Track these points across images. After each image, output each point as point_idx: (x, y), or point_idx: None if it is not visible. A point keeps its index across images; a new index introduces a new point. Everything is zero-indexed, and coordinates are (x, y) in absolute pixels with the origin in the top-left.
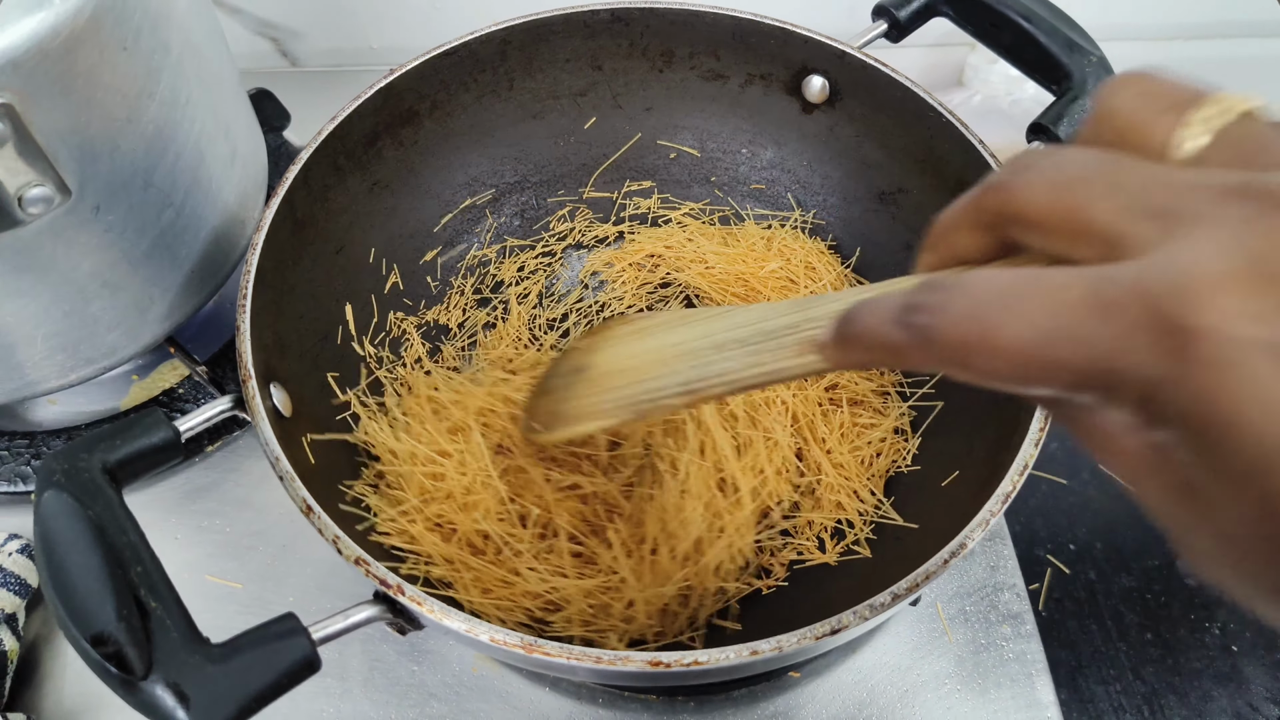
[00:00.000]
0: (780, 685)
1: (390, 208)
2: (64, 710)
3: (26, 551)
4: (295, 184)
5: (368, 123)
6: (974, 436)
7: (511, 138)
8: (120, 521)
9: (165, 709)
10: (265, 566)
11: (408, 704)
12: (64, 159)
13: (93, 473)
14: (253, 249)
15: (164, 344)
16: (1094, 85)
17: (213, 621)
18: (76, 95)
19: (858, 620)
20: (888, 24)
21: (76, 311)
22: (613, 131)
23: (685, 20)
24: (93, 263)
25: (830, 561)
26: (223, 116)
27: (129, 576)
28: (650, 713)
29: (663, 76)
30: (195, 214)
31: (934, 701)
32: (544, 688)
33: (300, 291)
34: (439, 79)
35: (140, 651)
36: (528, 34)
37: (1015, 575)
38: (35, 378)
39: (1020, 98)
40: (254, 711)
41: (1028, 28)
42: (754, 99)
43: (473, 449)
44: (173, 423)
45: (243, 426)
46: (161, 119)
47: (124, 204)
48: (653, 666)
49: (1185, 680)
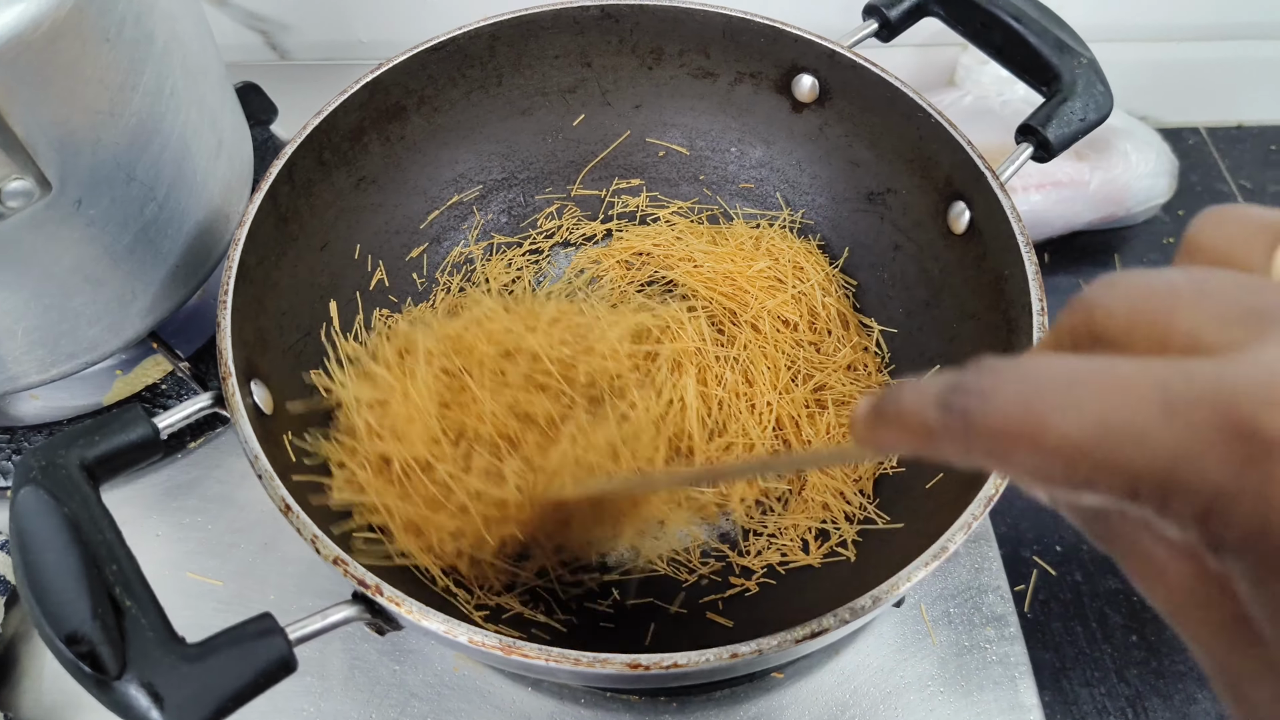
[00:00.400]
0: (763, 686)
1: (376, 204)
2: (43, 708)
3: (6, 548)
4: (279, 179)
5: (354, 117)
6: None
7: (499, 134)
8: (97, 519)
9: (139, 709)
10: (246, 564)
11: (389, 703)
12: (44, 152)
13: (70, 469)
14: (235, 244)
15: (147, 339)
16: (1084, 87)
17: (193, 619)
18: (58, 87)
19: (839, 623)
20: (878, 23)
21: (57, 306)
22: (601, 129)
23: (675, 17)
24: (74, 257)
25: (814, 563)
26: (208, 109)
27: (104, 575)
28: (632, 713)
29: (652, 74)
30: (179, 208)
31: (917, 703)
32: (526, 687)
33: (283, 288)
34: (427, 74)
35: (114, 651)
36: (517, 30)
37: (1000, 577)
38: (15, 372)
39: (1011, 98)
40: (229, 712)
41: (1018, 28)
42: (744, 97)
43: (417, 380)
44: (152, 420)
45: (225, 423)
46: (145, 111)
47: (106, 198)
48: (631, 669)
49: (1169, 683)
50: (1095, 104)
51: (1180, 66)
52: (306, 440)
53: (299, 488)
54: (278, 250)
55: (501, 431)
